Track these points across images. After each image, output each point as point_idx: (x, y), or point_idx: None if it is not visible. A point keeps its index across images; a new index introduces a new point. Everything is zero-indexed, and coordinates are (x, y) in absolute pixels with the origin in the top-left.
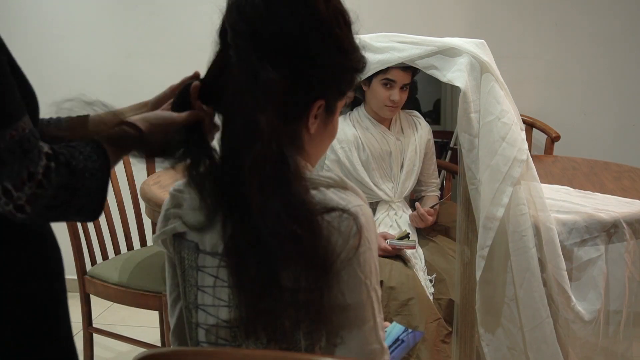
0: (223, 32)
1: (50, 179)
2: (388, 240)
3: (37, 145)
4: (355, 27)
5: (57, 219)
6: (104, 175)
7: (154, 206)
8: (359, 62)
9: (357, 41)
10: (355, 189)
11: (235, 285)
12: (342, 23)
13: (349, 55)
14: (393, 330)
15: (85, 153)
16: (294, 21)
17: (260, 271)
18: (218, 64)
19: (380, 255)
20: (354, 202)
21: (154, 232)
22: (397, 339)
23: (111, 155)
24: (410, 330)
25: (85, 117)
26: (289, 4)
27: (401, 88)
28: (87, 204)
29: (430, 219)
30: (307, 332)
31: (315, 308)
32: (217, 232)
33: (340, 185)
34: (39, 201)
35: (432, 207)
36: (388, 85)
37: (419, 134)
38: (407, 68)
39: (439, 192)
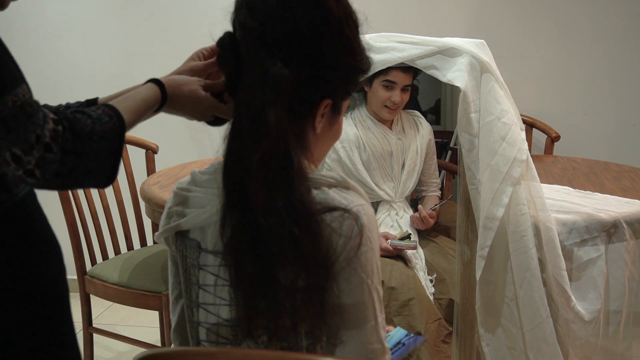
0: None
1: (59, 142)
2: (389, 241)
3: (40, 109)
4: (362, 29)
5: (70, 186)
6: (116, 138)
7: (154, 206)
8: (365, 63)
9: (363, 42)
10: (358, 189)
11: (233, 283)
12: (351, 24)
13: (357, 56)
14: (396, 334)
15: (94, 116)
16: (305, 20)
17: (258, 269)
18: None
19: (381, 256)
20: (356, 201)
21: (154, 232)
22: (398, 342)
23: (129, 115)
24: (412, 335)
25: (94, 100)
26: (300, 2)
27: (402, 89)
28: (96, 167)
29: (432, 221)
30: (308, 332)
31: (316, 307)
32: (218, 230)
33: (342, 185)
34: (48, 166)
35: (432, 209)
36: (389, 87)
37: (421, 134)
38: (408, 69)
39: (440, 192)
